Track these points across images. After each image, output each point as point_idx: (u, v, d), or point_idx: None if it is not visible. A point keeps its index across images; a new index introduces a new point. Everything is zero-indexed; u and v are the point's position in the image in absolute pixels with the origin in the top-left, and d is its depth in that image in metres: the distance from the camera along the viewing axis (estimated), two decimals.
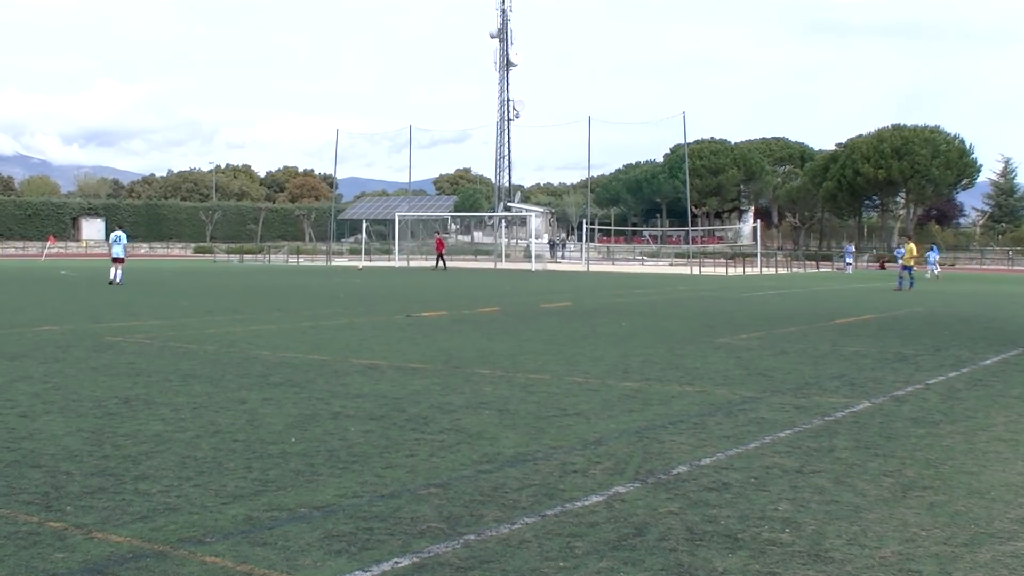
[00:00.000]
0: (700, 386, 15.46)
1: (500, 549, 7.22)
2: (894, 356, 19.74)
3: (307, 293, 40.41)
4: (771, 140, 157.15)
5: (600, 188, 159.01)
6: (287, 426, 11.72)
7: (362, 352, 19.19)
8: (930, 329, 26.41)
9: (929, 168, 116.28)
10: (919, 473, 9.86)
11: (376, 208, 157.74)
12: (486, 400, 13.80)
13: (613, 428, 11.91)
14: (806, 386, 15.65)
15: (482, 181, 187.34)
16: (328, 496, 8.56)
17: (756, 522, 8.01)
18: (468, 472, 9.56)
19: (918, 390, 15.44)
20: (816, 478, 9.54)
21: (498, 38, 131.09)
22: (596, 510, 8.27)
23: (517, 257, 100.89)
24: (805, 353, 20.03)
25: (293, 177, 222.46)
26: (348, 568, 6.76)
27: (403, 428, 11.71)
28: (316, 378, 15.73)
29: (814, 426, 12.25)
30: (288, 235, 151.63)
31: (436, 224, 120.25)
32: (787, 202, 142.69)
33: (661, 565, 6.94)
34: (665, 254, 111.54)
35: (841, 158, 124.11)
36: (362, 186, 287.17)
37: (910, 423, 12.58)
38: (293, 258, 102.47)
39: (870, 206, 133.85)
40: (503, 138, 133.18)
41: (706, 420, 12.55)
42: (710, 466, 9.99)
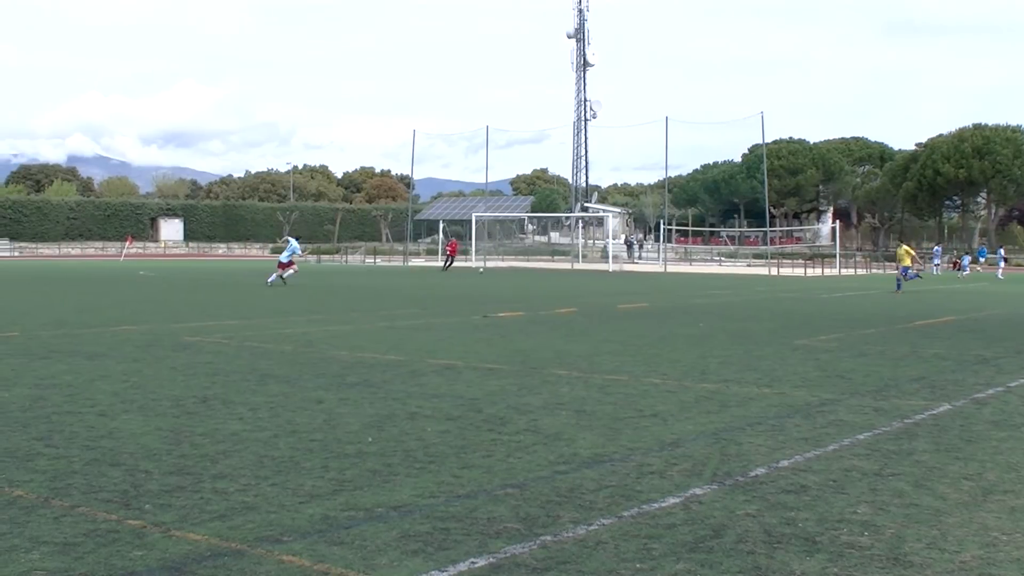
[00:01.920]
0: (778, 388, 15.38)
1: (576, 550, 7.22)
2: (974, 358, 19.54)
3: (384, 293, 40.56)
4: (850, 140, 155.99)
5: (677, 188, 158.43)
6: (364, 426, 11.77)
7: (438, 352, 19.24)
8: (1011, 331, 26.13)
9: (1011, 168, 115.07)
10: (1000, 477, 9.75)
11: (453, 209, 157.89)
12: (563, 401, 13.79)
13: (690, 430, 11.87)
14: (885, 388, 15.52)
15: (559, 181, 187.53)
16: (405, 496, 8.59)
17: (834, 525, 7.95)
18: (544, 473, 9.56)
19: (999, 393, 15.27)
20: (895, 481, 9.46)
21: (575, 38, 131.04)
22: (673, 512, 8.24)
23: (594, 258, 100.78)
24: (884, 355, 19.86)
25: (370, 178, 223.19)
26: (424, 568, 6.78)
27: (479, 428, 11.72)
28: (392, 378, 15.79)
29: (893, 429, 12.15)
30: (365, 236, 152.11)
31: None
32: (866, 202, 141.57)
33: (738, 568, 6.91)
34: (743, 255, 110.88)
35: (921, 158, 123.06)
36: (439, 187, 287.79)
37: (991, 426, 12.45)
38: (370, 259, 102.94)
39: (951, 206, 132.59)
40: (580, 138, 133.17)
41: (784, 422, 12.48)
42: (788, 468, 9.94)
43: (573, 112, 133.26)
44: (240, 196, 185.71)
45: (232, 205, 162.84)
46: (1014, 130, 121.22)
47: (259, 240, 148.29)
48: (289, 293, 39.76)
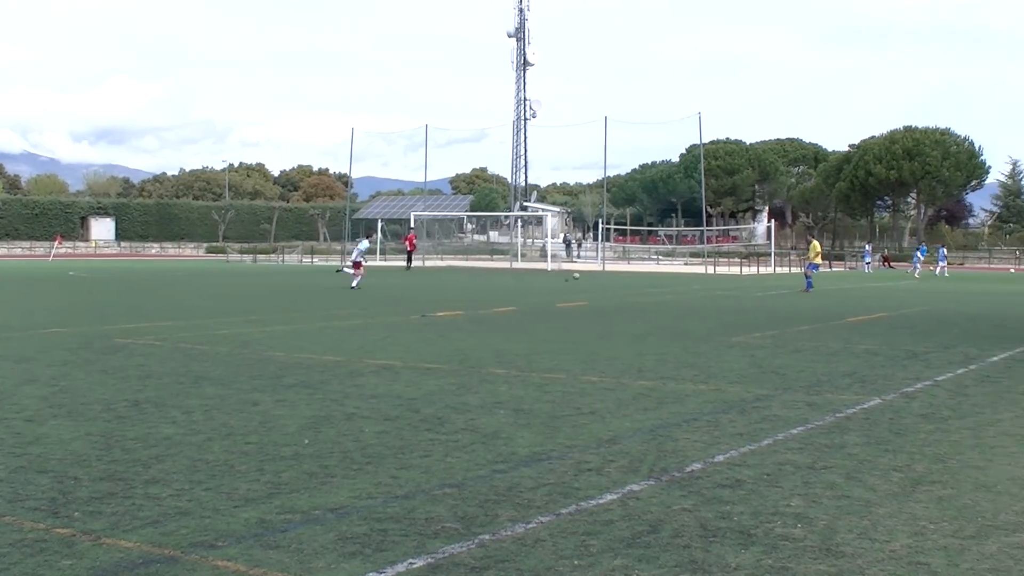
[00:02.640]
0: (714, 384, 15.51)
1: (515, 548, 7.27)
2: (905, 354, 19.77)
3: (321, 293, 40.43)
4: (785, 141, 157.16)
5: (616, 188, 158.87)
6: (300, 428, 11.75)
7: (377, 353, 19.24)
8: (940, 327, 26.44)
9: (939, 169, 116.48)
10: (928, 468, 9.91)
11: (391, 208, 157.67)
12: (501, 400, 13.84)
13: (628, 427, 11.96)
14: (818, 384, 15.69)
15: (498, 181, 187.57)
16: (342, 498, 8.60)
17: (769, 518, 8.06)
18: (483, 472, 9.60)
19: (928, 387, 15.48)
20: (828, 474, 9.59)
21: (515, 37, 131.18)
22: (611, 508, 8.31)
23: (533, 257, 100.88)
24: (818, 351, 20.06)
25: (308, 176, 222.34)
26: (362, 570, 6.79)
27: (418, 428, 11.75)
28: (330, 379, 15.78)
29: (826, 423, 12.30)
30: (302, 235, 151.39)
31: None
32: (801, 202, 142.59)
33: (675, 562, 6.99)
34: (680, 254, 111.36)
35: (854, 159, 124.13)
36: (377, 185, 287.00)
37: (920, 419, 12.63)
38: (307, 258, 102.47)
39: (882, 206, 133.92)
40: (519, 138, 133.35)
41: (720, 418, 12.59)
42: (723, 463, 10.04)
43: (513, 111, 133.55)
44: (174, 194, 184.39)
45: (166, 204, 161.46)
46: (943, 133, 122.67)
47: (193, 239, 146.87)
48: (227, 294, 39.56)
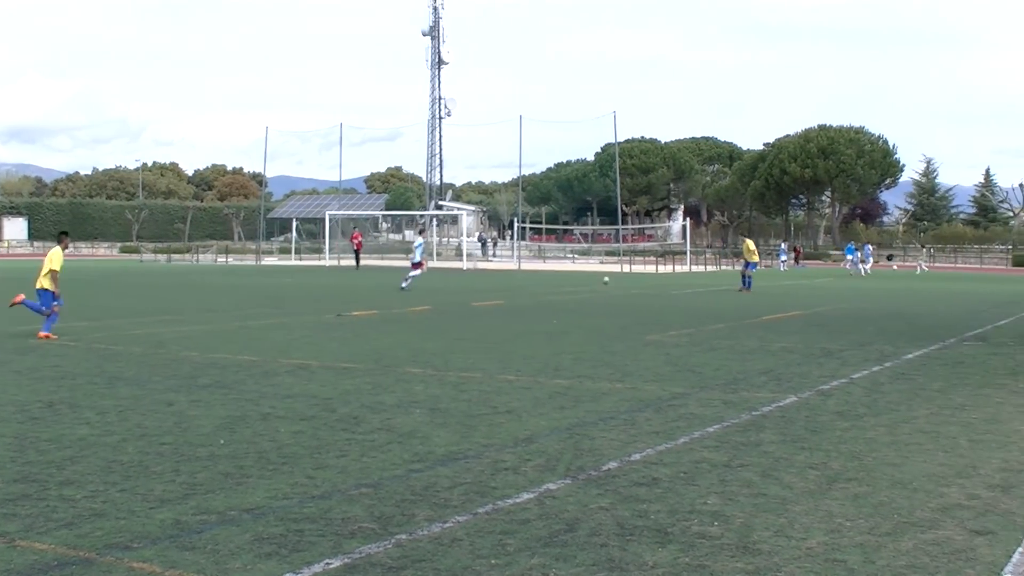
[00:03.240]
0: (630, 383, 15.55)
1: (432, 548, 7.24)
2: (820, 351, 19.95)
3: (236, 293, 40.17)
4: (700, 140, 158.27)
5: (531, 187, 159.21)
6: (216, 428, 11.67)
7: (292, 352, 19.14)
8: (855, 325, 26.71)
9: (854, 167, 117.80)
10: (844, 465, 9.99)
11: (306, 207, 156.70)
12: (417, 399, 13.81)
13: (544, 425, 11.96)
14: (734, 382, 15.78)
15: (413, 179, 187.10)
16: (258, 498, 8.54)
17: (685, 516, 8.08)
18: (399, 472, 9.57)
19: (843, 384, 15.62)
20: (744, 472, 9.64)
21: (430, 36, 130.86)
22: (527, 507, 8.31)
23: (448, 256, 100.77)
24: (733, 349, 20.19)
25: (222, 175, 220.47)
26: (279, 571, 6.75)
27: (334, 428, 11.70)
28: (245, 379, 15.67)
29: (742, 421, 12.37)
30: (217, 234, 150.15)
31: (364, 223, 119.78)
32: (716, 201, 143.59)
33: (592, 560, 7.00)
34: (596, 252, 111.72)
35: (769, 158, 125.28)
36: (292, 184, 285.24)
37: (835, 416, 12.74)
38: (222, 258, 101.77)
39: (797, 204, 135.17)
40: (434, 136, 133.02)
41: (636, 416, 12.63)
42: (640, 462, 10.07)
43: (428, 110, 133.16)
44: (87, 194, 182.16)
45: (79, 203, 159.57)
46: (857, 131, 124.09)
47: (107, 239, 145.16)
48: (141, 294, 39.21)
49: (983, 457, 10.53)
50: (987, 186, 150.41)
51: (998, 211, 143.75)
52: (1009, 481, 9.49)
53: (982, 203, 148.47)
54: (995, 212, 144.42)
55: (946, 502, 8.65)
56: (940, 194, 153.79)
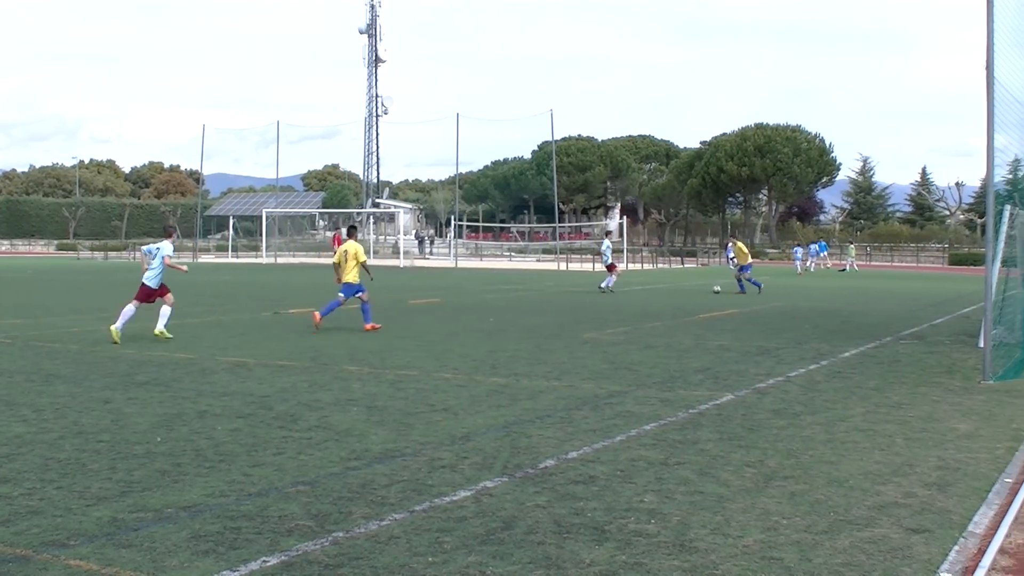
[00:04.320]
0: (567, 381, 15.58)
1: (369, 546, 7.24)
2: (757, 350, 20.06)
3: (174, 291, 39.84)
4: (637, 138, 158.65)
5: (468, 185, 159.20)
6: (153, 426, 11.60)
7: (229, 350, 19.05)
8: (791, 323, 26.87)
9: (790, 166, 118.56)
10: (780, 463, 10.06)
11: (244, 204, 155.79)
12: (354, 397, 13.78)
13: (481, 423, 11.97)
14: (671, 380, 15.84)
15: (350, 177, 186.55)
16: (195, 496, 8.50)
17: (622, 514, 8.11)
18: (336, 469, 9.55)
19: (780, 382, 15.71)
20: (681, 470, 9.68)
21: (367, 34, 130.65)
22: (464, 505, 8.32)
23: (385, 254, 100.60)
24: (670, 347, 20.26)
25: (159, 173, 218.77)
26: (215, 568, 6.72)
27: (270, 426, 11.66)
28: (182, 376, 15.59)
29: (679, 419, 12.42)
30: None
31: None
32: (653, 199, 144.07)
33: (529, 558, 7.01)
34: (532, 250, 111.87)
35: (705, 156, 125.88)
36: (229, 182, 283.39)
37: (772, 415, 12.81)
38: None
39: (734, 203, 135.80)
40: (371, 134, 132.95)
41: (573, 414, 12.65)
42: (577, 459, 10.09)
43: (365, 108, 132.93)
44: (24, 191, 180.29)
45: (15, 201, 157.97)
46: (794, 130, 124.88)
47: (44, 237, 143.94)
48: (78, 291, 38.88)
49: (919, 455, 10.62)
50: (924, 185, 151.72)
51: (934, 210, 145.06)
52: (945, 479, 9.58)
53: (919, 202, 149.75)
54: (931, 211, 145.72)
55: (882, 500, 8.72)
56: (877, 193, 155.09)
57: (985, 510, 8.53)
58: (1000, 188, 19.05)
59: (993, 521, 8.22)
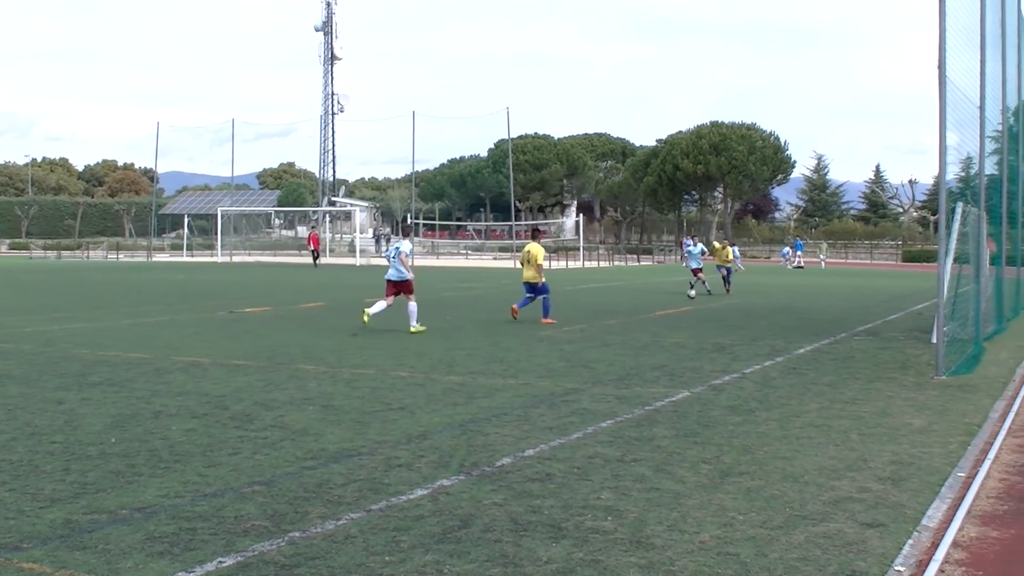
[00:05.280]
0: (523, 379, 15.60)
1: (325, 546, 7.22)
2: (712, 347, 20.13)
3: (127, 290, 39.72)
4: (594, 136, 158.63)
5: (425, 183, 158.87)
6: (107, 426, 11.54)
7: (184, 349, 18.97)
8: (747, 320, 26.98)
9: (746, 164, 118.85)
10: (736, 459, 10.10)
11: (198, 203, 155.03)
12: (310, 396, 13.75)
13: (437, 422, 11.97)
14: (627, 377, 15.88)
15: (306, 176, 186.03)
16: (150, 497, 8.46)
17: (579, 511, 8.12)
18: (292, 469, 9.53)
19: (735, 379, 15.78)
20: (637, 467, 9.71)
21: (323, 31, 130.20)
22: (421, 503, 8.31)
23: (342, 252, 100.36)
24: (626, 345, 20.31)
25: (113, 171, 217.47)
26: (171, 570, 6.69)
27: (226, 426, 11.62)
28: (136, 377, 15.52)
29: (635, 416, 12.45)
30: (108, 231, 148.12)
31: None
32: (609, 197, 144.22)
33: (486, 556, 7.01)
34: (489, 248, 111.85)
35: (661, 154, 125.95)
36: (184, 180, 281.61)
37: (727, 411, 12.86)
38: (113, 254, 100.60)
39: (689, 201, 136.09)
40: (327, 133, 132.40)
41: (529, 412, 12.67)
42: (533, 457, 10.10)
43: (321, 106, 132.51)
44: None
45: None
46: (749, 128, 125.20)
47: None
48: (30, 291, 38.64)
49: (873, 450, 10.69)
50: (877, 182, 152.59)
51: (888, 207, 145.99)
52: (899, 474, 9.64)
53: (872, 199, 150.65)
54: (885, 208, 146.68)
55: (837, 495, 8.77)
56: (831, 190, 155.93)
57: (939, 504, 8.60)
58: (952, 186, 19.25)
59: (946, 515, 8.28)
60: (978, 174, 20.17)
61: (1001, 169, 25.72)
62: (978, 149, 19.67)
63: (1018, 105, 30.32)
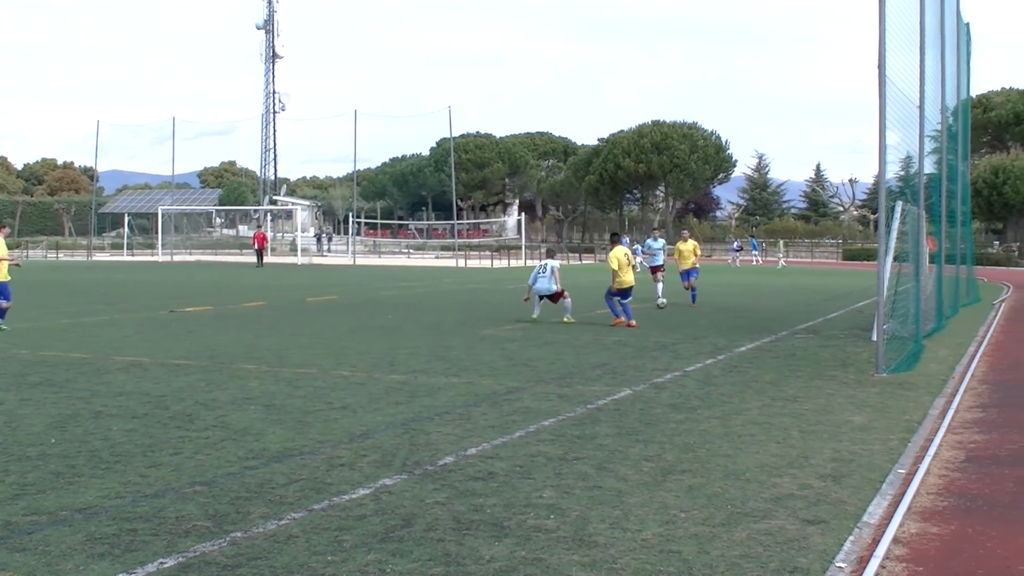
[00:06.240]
0: (466, 377, 15.60)
1: (267, 546, 7.20)
2: (654, 345, 20.19)
3: (67, 289, 39.44)
4: (536, 135, 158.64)
5: (367, 182, 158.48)
6: (47, 427, 11.47)
7: (125, 349, 18.85)
8: (688, 319, 27.08)
9: (687, 163, 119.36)
10: (678, 457, 10.14)
11: (139, 202, 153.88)
12: (252, 396, 13.71)
13: (380, 421, 11.96)
14: (569, 375, 15.91)
15: (247, 174, 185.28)
16: (90, 498, 8.41)
17: (521, 510, 8.14)
18: (234, 469, 9.50)
19: (677, 377, 15.84)
20: (579, 465, 9.74)
21: (264, 29, 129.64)
22: (363, 503, 8.31)
23: (283, 251, 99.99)
24: (568, 343, 20.34)
25: (52, 169, 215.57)
26: (112, 571, 6.66)
27: (167, 426, 11.56)
28: (77, 377, 15.41)
29: (577, 414, 12.48)
30: (47, 230, 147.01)
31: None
32: (551, 195, 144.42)
33: (429, 555, 7.01)
34: (431, 247, 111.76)
35: (603, 153, 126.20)
36: (125, 179, 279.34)
37: (669, 409, 12.91)
38: (52, 253, 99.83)
39: (631, 199, 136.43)
40: (269, 131, 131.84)
41: (472, 411, 12.67)
42: (476, 456, 10.11)
43: (262, 104, 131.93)
44: None
45: None
46: (690, 127, 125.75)
47: None
48: None
49: (814, 447, 10.77)
50: (818, 181, 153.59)
51: (829, 206, 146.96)
52: (840, 471, 9.71)
53: (813, 198, 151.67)
54: (826, 207, 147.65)
55: (779, 492, 8.83)
56: (772, 189, 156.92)
57: (879, 500, 8.67)
58: (892, 184, 19.41)
59: (887, 511, 8.35)
60: (918, 173, 20.33)
61: (940, 168, 25.95)
62: (918, 148, 19.82)
63: (957, 105, 30.62)
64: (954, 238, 31.17)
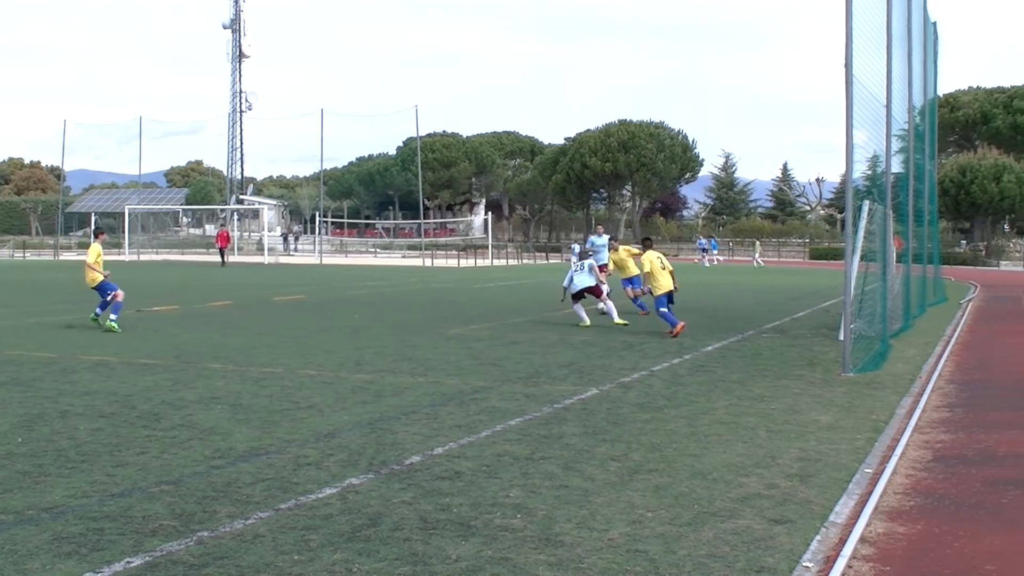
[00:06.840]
0: (432, 377, 15.61)
1: (234, 545, 7.21)
2: (621, 344, 20.23)
3: (34, 289, 39.27)
4: (502, 134, 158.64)
5: (333, 181, 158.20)
6: (13, 426, 11.43)
7: (91, 349, 18.79)
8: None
9: (654, 162, 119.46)
10: (645, 457, 10.18)
11: (106, 201, 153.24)
12: (218, 395, 13.69)
13: (346, 420, 11.96)
14: (536, 375, 15.94)
15: (214, 174, 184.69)
16: (57, 497, 8.40)
17: (488, 509, 8.16)
18: (201, 468, 9.49)
19: (643, 376, 15.89)
20: (546, 464, 9.76)
21: (231, 28, 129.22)
22: (330, 502, 8.31)
23: (250, 250, 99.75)
24: (535, 343, 20.36)
25: (19, 169, 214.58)
26: (78, 570, 6.66)
27: (134, 425, 11.54)
28: (43, 376, 15.36)
29: (544, 414, 12.51)
30: (13, 229, 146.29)
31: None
32: (518, 195, 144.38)
33: (395, 555, 7.03)
34: (398, 247, 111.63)
35: (570, 152, 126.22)
36: (91, 178, 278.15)
37: (636, 409, 12.95)
38: (19, 253, 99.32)
39: (598, 198, 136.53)
40: (235, 130, 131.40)
41: (438, 410, 12.69)
42: (442, 455, 10.13)
43: (229, 104, 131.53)
44: None
45: None
46: (657, 126, 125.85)
47: None
48: None
49: (781, 447, 10.82)
50: (785, 180, 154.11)
51: (796, 205, 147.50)
52: (807, 470, 9.77)
53: (780, 197, 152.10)
54: (793, 206, 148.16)
55: (745, 492, 8.87)
56: (739, 188, 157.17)
57: (846, 500, 8.72)
58: (859, 184, 19.50)
59: (854, 511, 8.40)
60: (885, 172, 20.42)
61: (907, 167, 26.09)
62: (885, 147, 19.91)
63: (924, 104, 30.77)
64: (921, 237, 31.33)
